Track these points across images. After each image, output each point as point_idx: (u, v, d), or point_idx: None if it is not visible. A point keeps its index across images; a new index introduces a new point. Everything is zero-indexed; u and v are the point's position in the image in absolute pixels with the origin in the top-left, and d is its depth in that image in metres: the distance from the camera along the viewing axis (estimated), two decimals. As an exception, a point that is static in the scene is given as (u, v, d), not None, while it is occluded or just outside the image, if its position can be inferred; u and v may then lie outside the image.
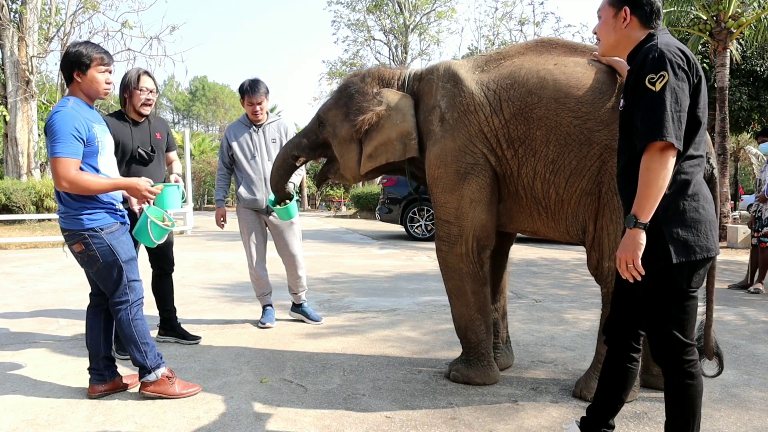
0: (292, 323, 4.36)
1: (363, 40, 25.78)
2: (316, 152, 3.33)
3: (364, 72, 3.18)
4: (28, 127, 13.65)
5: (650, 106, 1.80)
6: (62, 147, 2.54)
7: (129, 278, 2.77)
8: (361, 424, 2.54)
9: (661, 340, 1.96)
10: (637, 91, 1.86)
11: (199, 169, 26.32)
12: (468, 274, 2.90)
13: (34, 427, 2.53)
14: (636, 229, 1.82)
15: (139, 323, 2.80)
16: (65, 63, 2.68)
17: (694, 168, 1.90)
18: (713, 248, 1.91)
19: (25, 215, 11.14)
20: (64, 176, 2.53)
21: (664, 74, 1.80)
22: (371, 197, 18.29)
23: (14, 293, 5.64)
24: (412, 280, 6.44)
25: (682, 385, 1.94)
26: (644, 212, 1.82)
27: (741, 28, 11.01)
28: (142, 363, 2.79)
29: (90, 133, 2.65)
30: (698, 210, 1.88)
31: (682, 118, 1.80)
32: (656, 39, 1.91)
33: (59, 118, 2.58)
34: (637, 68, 1.88)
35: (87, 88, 2.71)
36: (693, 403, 1.95)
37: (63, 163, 2.53)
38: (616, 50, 2.09)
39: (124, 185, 2.72)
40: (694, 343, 1.96)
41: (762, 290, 5.83)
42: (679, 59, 1.83)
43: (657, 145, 1.78)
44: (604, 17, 2.07)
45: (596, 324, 2.94)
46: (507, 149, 2.75)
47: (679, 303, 1.92)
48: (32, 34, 13.60)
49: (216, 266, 7.50)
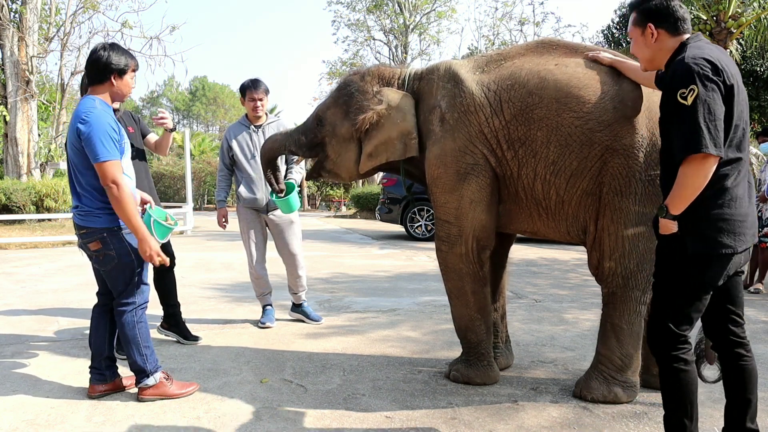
0: (292, 323, 4.36)
1: (363, 40, 25.81)
2: (312, 151, 3.30)
3: (364, 71, 3.16)
4: (28, 127, 13.63)
5: (684, 120, 1.87)
6: (104, 151, 2.58)
7: (139, 280, 2.80)
8: (361, 424, 2.54)
9: (656, 328, 2.03)
10: (671, 106, 1.93)
11: (199, 169, 26.29)
12: (468, 274, 2.90)
13: (34, 427, 2.53)
14: (666, 219, 1.95)
15: (143, 326, 2.81)
16: (103, 66, 2.70)
17: (730, 170, 1.94)
18: (732, 246, 1.93)
19: (25, 215, 11.14)
20: (114, 179, 2.57)
21: (694, 88, 1.86)
22: (371, 197, 18.27)
23: (14, 293, 5.64)
24: (412, 280, 6.44)
25: (675, 371, 1.99)
26: (676, 208, 1.92)
27: (741, 28, 11.01)
28: (141, 366, 2.79)
29: (120, 134, 2.71)
30: (723, 207, 1.93)
31: (719, 126, 1.86)
32: (686, 51, 1.97)
33: (95, 121, 2.60)
34: (669, 83, 1.96)
35: (118, 90, 2.78)
36: (688, 390, 1.99)
37: (109, 167, 2.58)
38: (655, 64, 2.16)
39: (142, 235, 2.65)
40: (687, 335, 2.01)
41: (762, 290, 5.84)
42: (707, 70, 1.88)
43: (696, 157, 1.85)
44: (634, 37, 2.16)
45: (596, 324, 2.94)
46: (507, 150, 2.75)
47: (687, 294, 1.98)
48: (32, 34, 13.58)
49: (216, 266, 7.50)
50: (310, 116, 3.31)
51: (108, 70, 2.71)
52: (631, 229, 2.60)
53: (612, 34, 18.53)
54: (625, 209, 2.60)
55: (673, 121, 1.94)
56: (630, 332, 2.69)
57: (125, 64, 2.75)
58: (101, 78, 2.73)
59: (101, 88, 2.75)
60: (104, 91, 2.76)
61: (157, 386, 2.81)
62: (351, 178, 3.29)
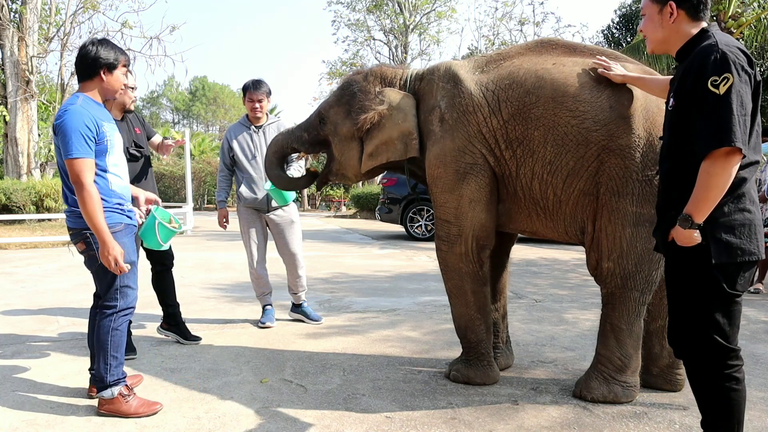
0: (292, 323, 4.36)
1: (363, 40, 25.79)
2: (315, 148, 3.35)
3: (367, 71, 3.18)
4: (28, 127, 13.63)
5: (715, 110, 1.73)
6: (74, 148, 2.51)
7: (122, 283, 2.67)
8: (361, 424, 2.54)
9: (703, 345, 1.87)
10: (698, 94, 1.78)
11: (199, 169, 26.28)
12: (468, 273, 2.90)
13: (34, 427, 2.53)
14: (691, 229, 1.79)
15: (117, 334, 2.68)
16: (91, 60, 2.63)
17: (749, 173, 1.84)
18: (756, 252, 1.84)
19: (25, 215, 11.14)
20: (78, 178, 2.50)
21: (728, 76, 1.73)
22: (371, 197, 18.26)
23: (14, 293, 5.64)
24: (412, 280, 6.44)
25: (727, 390, 1.86)
26: (700, 214, 1.77)
27: (741, 28, 11.01)
28: (101, 375, 2.65)
29: (100, 132, 2.62)
30: (743, 212, 1.83)
31: (747, 122, 1.75)
32: (714, 37, 1.83)
33: (68, 117, 2.54)
34: (696, 69, 1.79)
35: (108, 86, 2.70)
36: (738, 409, 1.87)
37: (77, 164, 2.51)
38: (665, 46, 2.02)
39: (103, 237, 2.53)
40: (738, 348, 1.89)
41: (762, 290, 5.84)
42: (743, 60, 1.77)
43: (722, 150, 1.72)
44: (648, 14, 2.01)
45: (596, 324, 2.94)
46: (506, 150, 2.75)
47: (721, 307, 1.84)
48: (32, 34, 13.58)
49: (216, 266, 7.50)
50: (312, 113, 3.34)
51: (97, 64, 2.63)
52: (628, 229, 2.60)
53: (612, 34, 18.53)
54: (622, 210, 2.60)
55: (696, 111, 1.78)
56: (629, 332, 2.69)
57: (115, 59, 2.66)
58: (90, 73, 2.65)
59: (90, 84, 2.67)
60: (93, 87, 2.67)
61: (112, 401, 2.64)
62: (356, 178, 3.30)
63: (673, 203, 1.90)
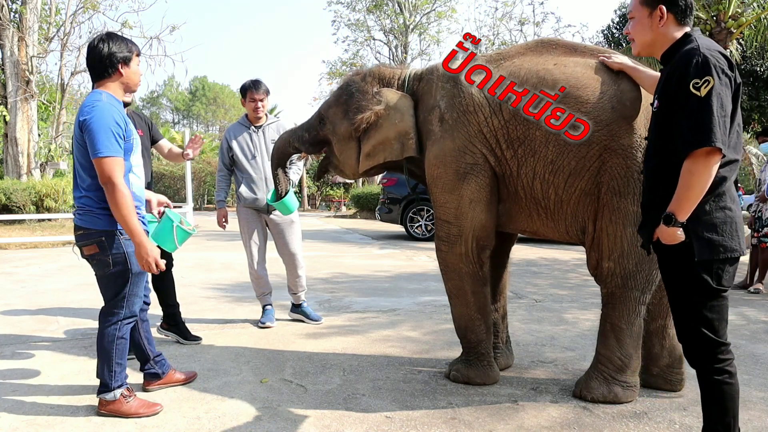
0: (292, 323, 4.36)
1: (363, 40, 25.79)
2: (316, 147, 3.37)
3: (366, 71, 3.20)
4: (28, 127, 13.63)
5: (696, 111, 1.80)
6: (104, 146, 2.42)
7: (130, 291, 2.62)
8: (361, 424, 2.54)
9: (693, 340, 1.93)
10: (681, 96, 1.84)
11: (199, 169, 26.30)
12: (468, 274, 2.90)
13: (34, 427, 2.53)
14: (674, 227, 1.85)
15: (122, 343, 2.64)
16: (107, 57, 2.56)
17: (729, 172, 1.89)
18: (738, 248, 1.89)
19: (25, 215, 11.13)
20: (110, 178, 2.41)
21: (709, 79, 1.79)
22: (371, 197, 18.27)
23: (14, 293, 5.64)
24: (412, 280, 6.44)
25: (720, 384, 1.90)
26: (683, 212, 1.84)
27: (741, 28, 11.00)
28: (106, 380, 2.62)
29: (128, 129, 2.57)
30: (724, 210, 1.88)
31: (727, 123, 1.81)
32: (696, 41, 1.90)
33: (97, 114, 2.45)
34: (679, 72, 1.86)
35: (129, 80, 2.65)
36: (733, 403, 1.91)
37: (107, 163, 2.42)
38: (652, 49, 2.07)
39: (139, 240, 2.47)
40: (728, 342, 1.93)
41: (762, 290, 5.83)
42: (723, 64, 1.83)
43: (703, 150, 1.78)
44: (637, 17, 2.06)
45: (596, 324, 2.94)
46: (506, 149, 2.75)
47: (707, 303, 1.90)
48: (32, 34, 13.57)
49: (216, 266, 7.50)
50: (314, 114, 3.36)
51: (114, 59, 2.56)
52: (629, 229, 2.60)
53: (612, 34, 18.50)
54: (623, 209, 2.60)
55: (679, 112, 1.85)
56: (629, 332, 2.69)
57: (129, 51, 2.61)
58: (109, 70, 2.57)
59: (109, 81, 2.60)
60: (113, 83, 2.61)
61: (114, 403, 2.62)
62: (354, 177, 3.33)
63: (657, 201, 1.96)
